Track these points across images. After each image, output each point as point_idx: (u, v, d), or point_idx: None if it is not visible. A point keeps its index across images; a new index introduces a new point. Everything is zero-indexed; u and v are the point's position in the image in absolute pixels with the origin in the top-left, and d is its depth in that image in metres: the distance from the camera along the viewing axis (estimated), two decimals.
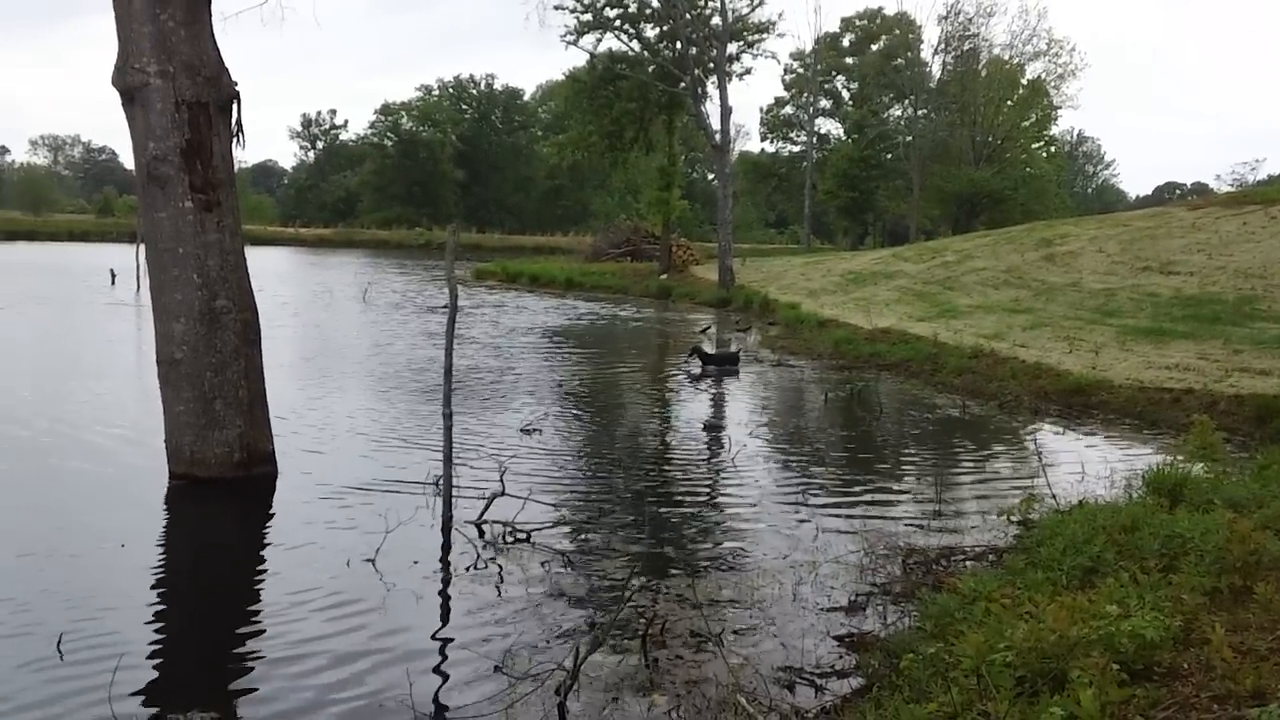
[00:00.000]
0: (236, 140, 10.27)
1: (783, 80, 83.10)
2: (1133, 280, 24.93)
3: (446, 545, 8.31)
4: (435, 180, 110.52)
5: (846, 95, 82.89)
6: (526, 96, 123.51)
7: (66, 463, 10.81)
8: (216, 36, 10.04)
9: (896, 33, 76.52)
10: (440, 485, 8.84)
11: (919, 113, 72.17)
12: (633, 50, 45.07)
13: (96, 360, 18.48)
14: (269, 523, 9.25)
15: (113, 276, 35.21)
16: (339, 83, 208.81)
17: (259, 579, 7.77)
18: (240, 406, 9.99)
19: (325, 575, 7.56)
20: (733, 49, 44.17)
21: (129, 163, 10.35)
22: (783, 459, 12.53)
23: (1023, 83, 69.83)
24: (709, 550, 8.64)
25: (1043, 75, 69.98)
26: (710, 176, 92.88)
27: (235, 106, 10.17)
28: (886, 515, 9.79)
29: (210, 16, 9.97)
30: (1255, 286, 21.77)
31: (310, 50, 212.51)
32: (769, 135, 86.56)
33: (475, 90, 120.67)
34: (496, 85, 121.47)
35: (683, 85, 42.34)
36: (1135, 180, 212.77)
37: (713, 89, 42.51)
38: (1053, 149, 79.87)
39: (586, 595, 7.34)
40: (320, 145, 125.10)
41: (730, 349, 21.52)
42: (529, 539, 8.41)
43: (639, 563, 7.99)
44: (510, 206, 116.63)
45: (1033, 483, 10.47)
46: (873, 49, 79.99)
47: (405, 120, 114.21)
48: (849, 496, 10.55)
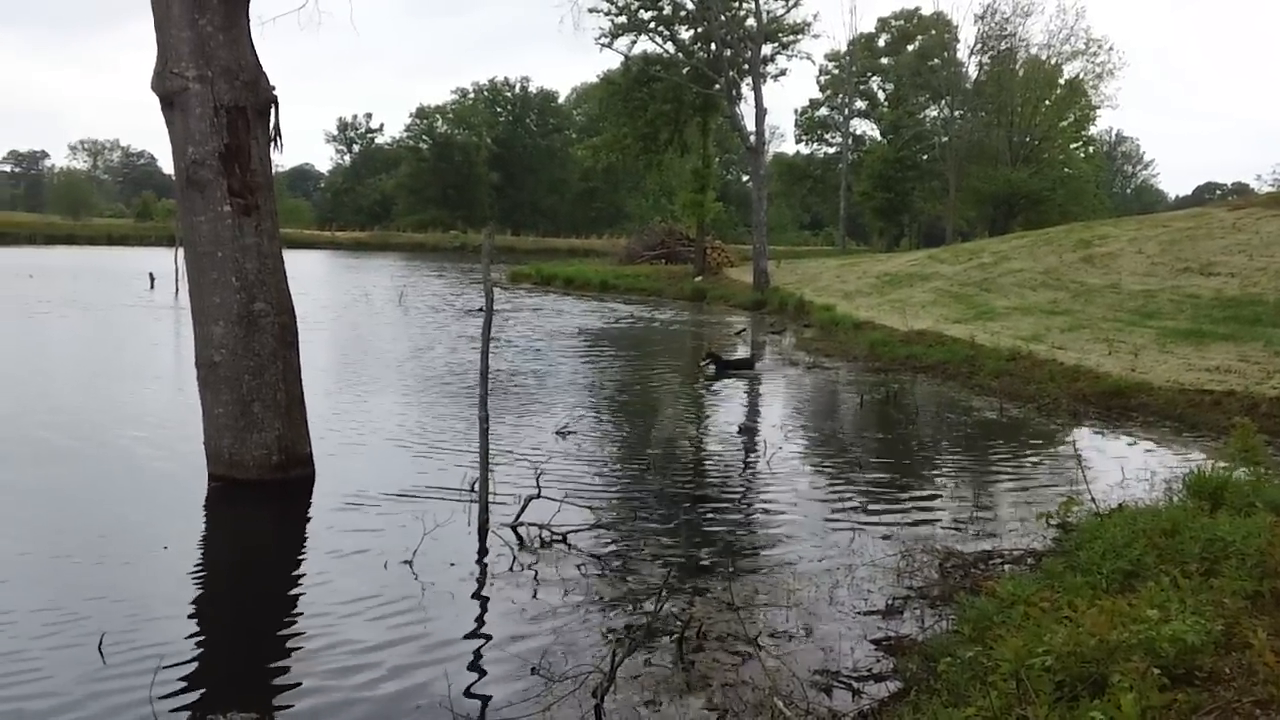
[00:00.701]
0: (274, 144, 10.34)
1: (818, 81, 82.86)
2: (1173, 281, 24.66)
3: (483, 548, 8.33)
4: (470, 183, 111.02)
5: (882, 96, 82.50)
6: (561, 99, 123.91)
7: (108, 465, 10.95)
8: (254, 41, 10.13)
9: (933, 33, 76.06)
10: (476, 488, 8.87)
11: (955, 113, 71.70)
12: (667, 52, 45.11)
13: (137, 363, 18.70)
14: (307, 525, 9.33)
15: (152, 280, 35.62)
16: (375, 86, 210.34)
17: (297, 581, 7.83)
18: (278, 409, 10.07)
19: (363, 577, 7.61)
20: (767, 50, 44.10)
21: (168, 167, 10.52)
22: (818, 462, 12.49)
23: (1060, 82, 69.24)
24: (745, 553, 8.62)
25: (1081, 75, 69.39)
26: (745, 178, 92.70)
27: (273, 110, 10.24)
28: (924, 518, 9.73)
29: (248, 21, 10.04)
30: None
31: (347, 54, 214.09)
32: (804, 137, 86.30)
33: (510, 93, 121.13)
34: (531, 88, 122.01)
35: (717, 87, 42.31)
36: (1175, 180, 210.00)
37: (747, 90, 42.47)
38: (1091, 149, 79.17)
39: (622, 597, 7.35)
40: (356, 149, 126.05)
41: (744, 354, 21.43)
42: (565, 541, 8.43)
43: (674, 565, 7.99)
44: (545, 209, 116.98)
45: (1071, 486, 10.38)
46: (908, 49, 79.55)
47: (440, 123, 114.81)
48: (886, 499, 10.49)
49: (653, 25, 44.15)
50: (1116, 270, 27.19)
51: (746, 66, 42.09)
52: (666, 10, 43.92)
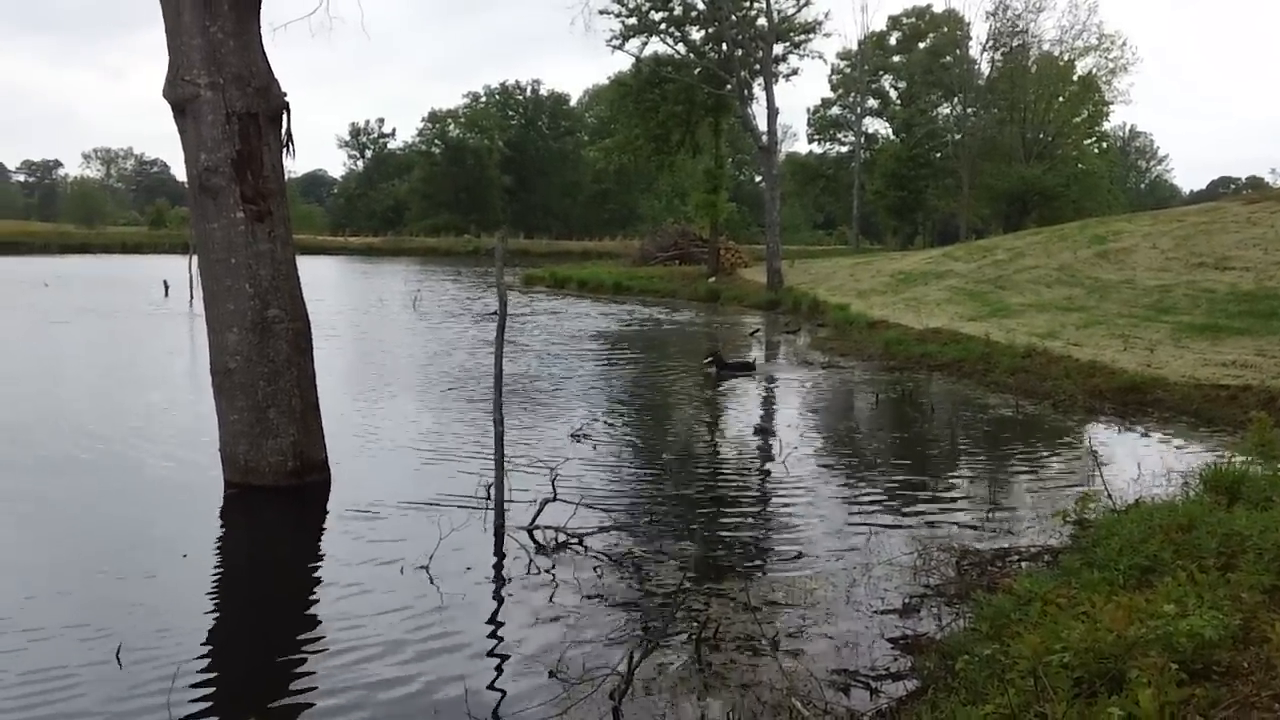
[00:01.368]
0: (286, 150, 10.37)
1: (830, 80, 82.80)
2: (1188, 277, 24.56)
3: (499, 551, 8.34)
4: (483, 186, 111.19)
5: (894, 94, 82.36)
6: (573, 101, 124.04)
7: (126, 473, 11.01)
8: (265, 47, 10.17)
9: (944, 30, 75.97)
10: (492, 492, 8.88)
11: (968, 110, 71.55)
12: (678, 53, 45.15)
13: (153, 371, 18.79)
14: (323, 531, 9.35)
15: (166, 288, 35.78)
16: (387, 92, 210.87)
17: (314, 586, 7.86)
18: (293, 415, 10.10)
19: (379, 582, 7.63)
20: (779, 50, 44.08)
21: (181, 174, 10.54)
22: (834, 461, 12.47)
23: (1074, 78, 69.03)
24: (761, 553, 8.62)
25: (1094, 70, 69.21)
26: (757, 178, 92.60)
27: (285, 117, 10.28)
28: (940, 517, 9.71)
29: (259, 28, 10.08)
30: None
31: (359, 60, 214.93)
32: (816, 136, 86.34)
33: (521, 96, 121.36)
34: (542, 91, 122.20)
35: (729, 87, 42.30)
36: (1189, 175, 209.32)
37: (759, 90, 42.43)
38: (1105, 145, 78.90)
39: (639, 599, 7.35)
40: (369, 154, 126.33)
41: (750, 357, 21.28)
42: (581, 544, 8.44)
43: (690, 566, 7.99)
44: (557, 211, 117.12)
45: (1088, 482, 10.35)
46: (920, 47, 79.43)
47: (452, 128, 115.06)
48: (902, 498, 10.47)
49: (664, 26, 44.20)
50: (1131, 266, 27.09)
51: (758, 66, 42.06)
52: (677, 11, 43.95)
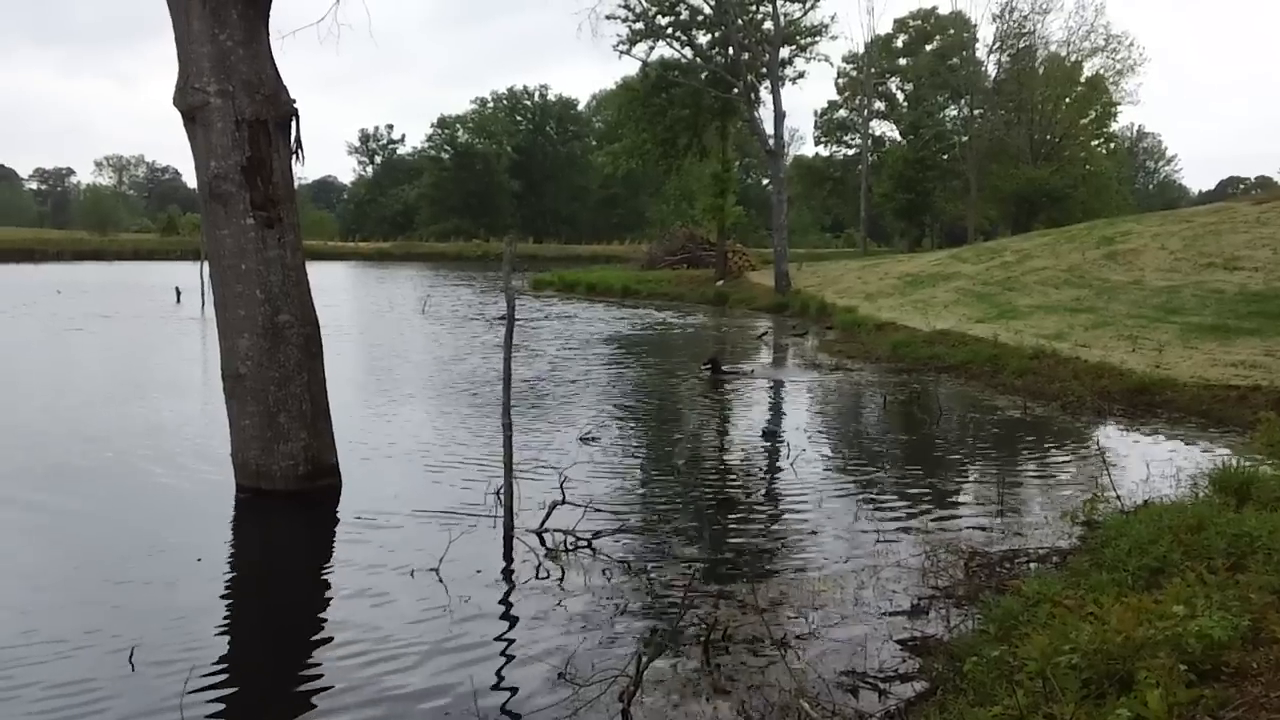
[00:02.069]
0: (296, 157, 10.42)
1: (836, 83, 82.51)
2: (1196, 277, 24.50)
3: (508, 554, 8.37)
4: (492, 191, 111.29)
5: (901, 96, 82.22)
6: (581, 106, 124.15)
7: (139, 478, 11.05)
8: (275, 55, 10.22)
9: (951, 32, 75.81)
10: (501, 495, 8.92)
11: (975, 112, 71.44)
12: (685, 57, 45.13)
13: (165, 377, 18.85)
14: (334, 534, 9.38)
15: (178, 294, 35.90)
16: (398, 99, 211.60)
17: (325, 588, 7.90)
18: (304, 420, 10.14)
19: (390, 584, 7.67)
20: (785, 53, 44.00)
21: (192, 181, 10.62)
22: (842, 463, 12.48)
23: (1081, 79, 68.89)
24: (769, 555, 8.63)
25: (1101, 71, 69.05)
26: (765, 182, 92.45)
27: (294, 123, 10.33)
28: (948, 518, 9.72)
29: (268, 35, 10.12)
30: None
31: (370, 67, 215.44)
32: (823, 139, 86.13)
33: (529, 101, 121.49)
34: (550, 95, 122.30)
35: (735, 91, 42.31)
36: (1198, 175, 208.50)
37: (766, 94, 42.43)
38: (1113, 145, 78.68)
39: (648, 601, 7.37)
40: (378, 160, 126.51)
41: (741, 366, 21.11)
42: (590, 546, 8.46)
43: (699, 568, 8.01)
44: (566, 216, 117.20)
45: (1096, 483, 10.34)
46: (926, 49, 79.25)
47: (461, 133, 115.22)
48: (910, 500, 10.47)
49: (670, 31, 44.16)
50: (1140, 267, 27.04)
51: (764, 70, 42.05)
52: (684, 15, 43.94)
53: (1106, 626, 4.89)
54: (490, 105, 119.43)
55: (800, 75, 46.22)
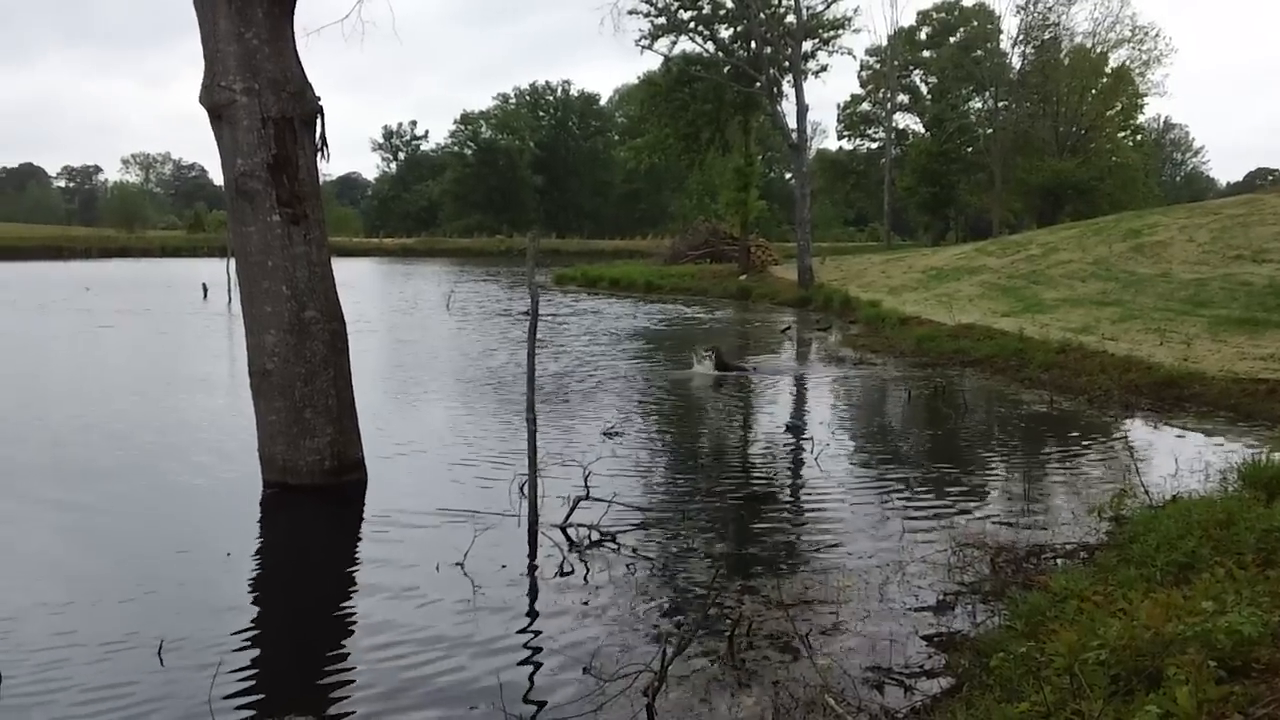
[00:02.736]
0: (321, 154, 10.47)
1: (859, 76, 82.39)
2: (1224, 270, 24.28)
3: (533, 549, 8.39)
4: (515, 187, 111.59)
5: (924, 89, 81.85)
6: (603, 101, 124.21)
7: (170, 472, 11.13)
8: (299, 53, 10.26)
9: (975, 24, 75.43)
10: (525, 490, 8.93)
11: (999, 104, 71.02)
12: (707, 52, 45.05)
13: (192, 373, 18.97)
14: (360, 529, 9.44)
15: (205, 290, 36.16)
16: (422, 96, 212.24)
17: (351, 583, 7.94)
18: (330, 415, 10.19)
19: (415, 579, 7.70)
20: (808, 47, 43.91)
21: (218, 179, 10.72)
22: (866, 458, 12.44)
23: (1106, 71, 68.38)
24: (794, 550, 8.62)
25: (1127, 62, 68.52)
26: (788, 176, 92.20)
27: (319, 121, 10.37)
28: (974, 513, 9.67)
29: (293, 33, 10.17)
30: None
31: (395, 65, 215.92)
32: (846, 132, 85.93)
33: (552, 97, 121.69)
34: (573, 91, 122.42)
35: (758, 85, 42.19)
36: (1226, 166, 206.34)
37: (788, 88, 42.26)
38: (1139, 137, 78.08)
39: (672, 596, 7.38)
40: (402, 156, 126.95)
41: (745, 363, 20.79)
42: (614, 541, 8.48)
43: (723, 563, 8.00)
44: (589, 211, 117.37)
45: (1124, 478, 10.27)
46: (950, 41, 78.88)
47: (484, 129, 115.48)
48: (935, 495, 10.43)
49: (692, 25, 44.10)
50: (1167, 259, 26.82)
51: (787, 64, 41.93)
52: (706, 10, 43.85)
53: (1135, 622, 4.85)
54: (513, 101, 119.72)
55: (823, 69, 46.17)
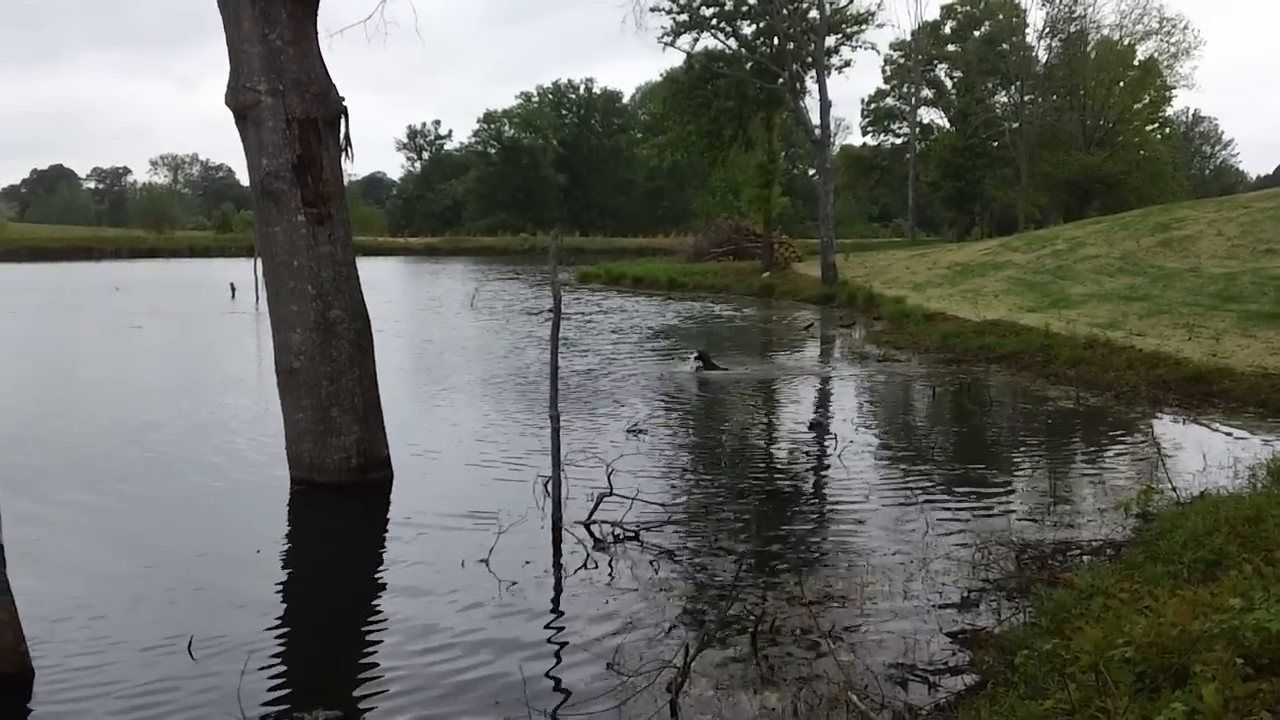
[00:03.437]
0: (345, 154, 10.55)
1: (883, 71, 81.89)
2: (1254, 264, 24.06)
3: (557, 545, 8.42)
4: (538, 185, 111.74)
5: (949, 84, 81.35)
6: (625, 99, 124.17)
7: (199, 470, 11.25)
8: (323, 54, 10.33)
9: (1000, 17, 74.91)
10: (549, 486, 8.97)
11: (1025, 98, 70.57)
12: (730, 48, 44.92)
13: (221, 372, 19.14)
14: (386, 525, 9.50)
15: (233, 290, 36.45)
16: (447, 96, 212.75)
17: (378, 580, 8.00)
18: (356, 413, 10.27)
19: (441, 575, 7.75)
20: (831, 42, 43.72)
21: (245, 179, 10.86)
22: (890, 454, 12.41)
23: (1134, 63, 67.84)
24: (817, 547, 8.62)
25: (1155, 55, 67.93)
26: (811, 172, 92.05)
27: (343, 121, 10.46)
28: (999, 510, 9.64)
29: (316, 34, 10.25)
30: None
31: (420, 66, 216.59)
32: (870, 128, 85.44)
33: (574, 95, 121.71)
34: (595, 89, 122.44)
35: (781, 81, 42.06)
36: (1256, 160, 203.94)
37: (811, 83, 42.12)
38: (1168, 130, 77.42)
39: (695, 593, 7.40)
40: (426, 156, 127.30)
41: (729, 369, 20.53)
42: (637, 538, 8.50)
43: (747, 560, 8.01)
44: (612, 209, 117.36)
45: (1151, 474, 10.21)
46: (975, 35, 78.37)
47: (507, 128, 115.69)
48: (959, 491, 10.40)
49: (714, 21, 43.97)
50: (1196, 254, 26.60)
51: (810, 59, 41.76)
52: (728, 6, 43.73)
53: (1161, 619, 4.83)
54: (535, 100, 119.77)
55: (846, 64, 45.97)
